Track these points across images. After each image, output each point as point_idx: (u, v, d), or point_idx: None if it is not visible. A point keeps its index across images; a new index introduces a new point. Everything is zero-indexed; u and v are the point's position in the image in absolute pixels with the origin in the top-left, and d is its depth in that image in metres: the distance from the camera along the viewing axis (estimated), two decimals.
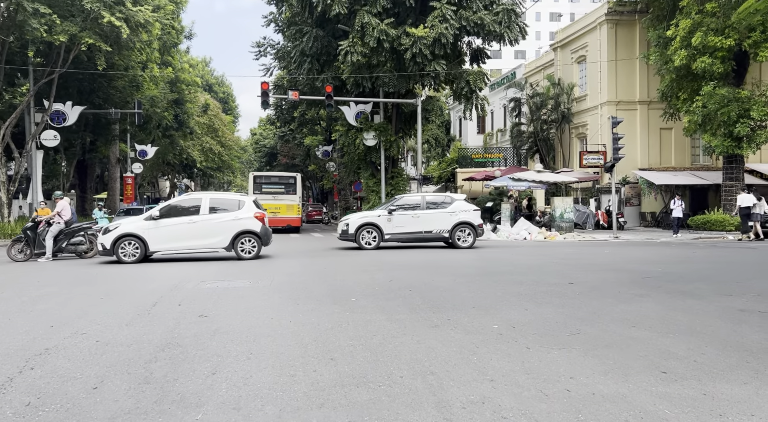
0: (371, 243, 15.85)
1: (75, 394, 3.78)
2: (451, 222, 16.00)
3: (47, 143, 26.15)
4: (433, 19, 22.70)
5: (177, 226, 13.17)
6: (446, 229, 15.96)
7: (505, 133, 40.18)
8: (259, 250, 13.56)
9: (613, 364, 4.30)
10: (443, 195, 18.39)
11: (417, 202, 16.55)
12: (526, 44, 47.43)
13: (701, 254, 13.95)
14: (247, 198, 14.19)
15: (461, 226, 16.03)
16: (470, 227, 16.07)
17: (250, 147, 78.60)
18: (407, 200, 16.85)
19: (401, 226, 15.96)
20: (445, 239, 16.10)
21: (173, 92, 38.78)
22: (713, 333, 5.29)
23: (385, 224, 15.93)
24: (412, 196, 17.94)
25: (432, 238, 16.17)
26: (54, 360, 4.62)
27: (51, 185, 36.66)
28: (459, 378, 4.01)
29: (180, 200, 14.14)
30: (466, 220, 16.09)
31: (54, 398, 3.72)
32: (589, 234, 22.40)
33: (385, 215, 16.05)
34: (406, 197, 17.47)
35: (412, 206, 16.32)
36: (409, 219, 16.00)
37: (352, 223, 16.06)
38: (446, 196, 17.34)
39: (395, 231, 15.95)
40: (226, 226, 13.33)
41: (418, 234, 16.01)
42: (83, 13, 22.22)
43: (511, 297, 7.39)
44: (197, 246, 13.36)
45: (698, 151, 28.43)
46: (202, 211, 13.42)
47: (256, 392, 3.78)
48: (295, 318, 6.19)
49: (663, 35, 21.93)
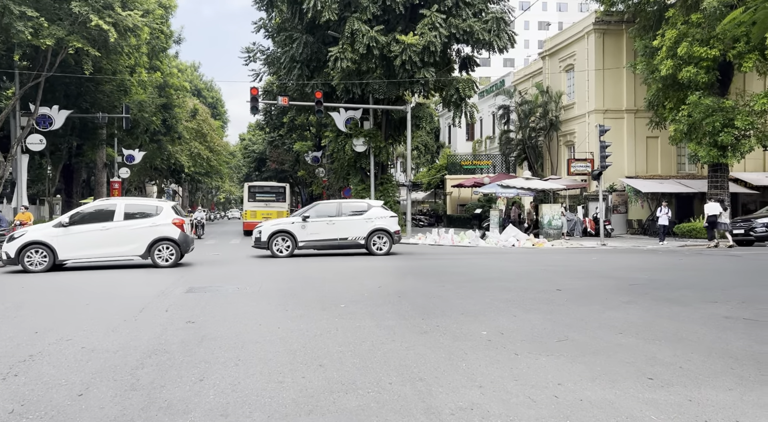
0: (283, 251, 15.41)
1: (60, 401, 3.74)
2: (367, 228, 15.81)
3: (33, 147, 25.88)
4: (422, 26, 22.84)
5: (89, 233, 12.53)
6: (362, 236, 15.77)
7: (493, 140, 40.42)
8: (178, 258, 13.06)
9: (601, 371, 4.33)
10: (360, 201, 18.17)
11: (333, 208, 16.32)
12: (515, 52, 47.85)
13: (687, 261, 14.10)
14: (166, 203, 13.71)
15: (377, 233, 15.87)
16: (386, 234, 15.91)
17: (239, 152, 78.34)
18: (323, 207, 16.60)
19: (316, 233, 15.65)
20: (360, 246, 15.87)
21: (162, 97, 38.58)
22: (699, 339, 5.34)
23: (299, 231, 15.56)
24: (328, 202, 17.71)
25: (347, 245, 15.90)
26: (38, 367, 4.56)
27: (36, 190, 36.26)
28: (448, 384, 4.02)
29: (93, 205, 13.50)
30: (382, 227, 15.91)
31: (38, 405, 3.67)
32: (576, 241, 22.55)
33: (299, 222, 15.71)
34: (321, 204, 17.16)
35: (328, 213, 16.06)
36: (324, 226, 15.73)
37: (265, 230, 15.62)
38: (363, 203, 17.16)
39: (310, 238, 15.62)
40: (142, 233, 12.82)
41: (333, 241, 15.75)
42: (71, 17, 22.09)
43: (499, 303, 7.41)
44: (111, 254, 12.77)
45: (684, 159, 28.77)
46: (117, 217, 12.82)
47: (244, 398, 3.75)
48: (283, 324, 6.17)
49: (649, 45, 22.23)
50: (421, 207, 47.61)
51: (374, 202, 17.60)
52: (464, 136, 46.35)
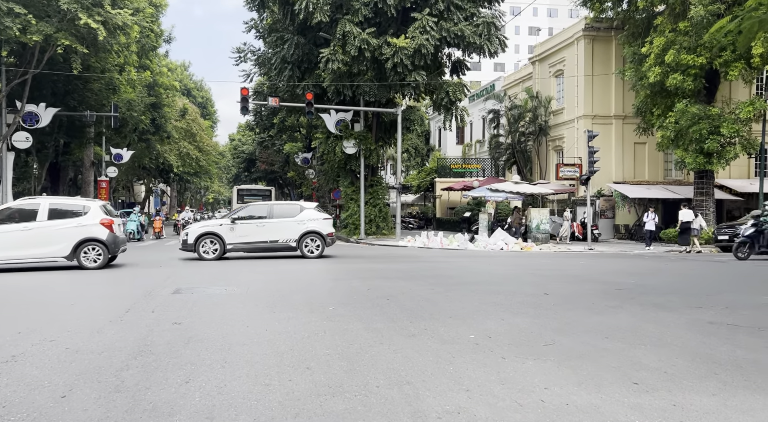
0: (210, 254, 15.00)
1: (42, 403, 3.69)
2: (298, 231, 15.45)
3: (19, 145, 25.57)
4: (414, 29, 22.90)
5: (9, 234, 11.97)
6: (293, 239, 15.42)
7: (483, 144, 40.59)
8: (107, 259, 12.66)
9: (587, 375, 4.36)
10: (293, 203, 17.87)
11: (264, 210, 16.00)
12: (505, 57, 48.14)
13: (673, 267, 14.24)
14: (94, 203, 13.23)
15: (309, 236, 15.52)
16: (319, 236, 15.58)
17: (228, 152, 77.95)
18: (253, 209, 16.28)
19: (245, 236, 15.24)
20: (292, 248, 15.54)
21: (151, 96, 38.30)
22: (683, 344, 5.40)
23: (227, 233, 15.15)
24: (259, 204, 17.43)
25: (278, 248, 15.54)
26: (21, 368, 4.50)
27: (22, 188, 35.82)
28: (435, 388, 4.02)
29: (15, 204, 12.99)
30: (315, 229, 15.57)
31: (20, 407, 3.62)
32: (564, 245, 22.69)
33: (227, 224, 15.30)
34: (252, 206, 16.86)
35: (258, 215, 15.70)
36: (254, 228, 15.31)
37: (192, 233, 15.19)
38: (296, 205, 16.78)
39: (239, 240, 15.22)
40: (67, 233, 12.29)
41: (264, 243, 15.37)
42: (59, 14, 21.86)
43: (487, 306, 7.44)
44: (33, 256, 12.20)
45: (671, 165, 29.07)
46: (40, 217, 12.26)
47: (230, 401, 3.73)
48: (270, 326, 6.14)
49: (638, 52, 22.46)
50: (410, 209, 47.66)
51: (307, 204, 17.16)
52: (454, 139, 46.50)
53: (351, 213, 28.53)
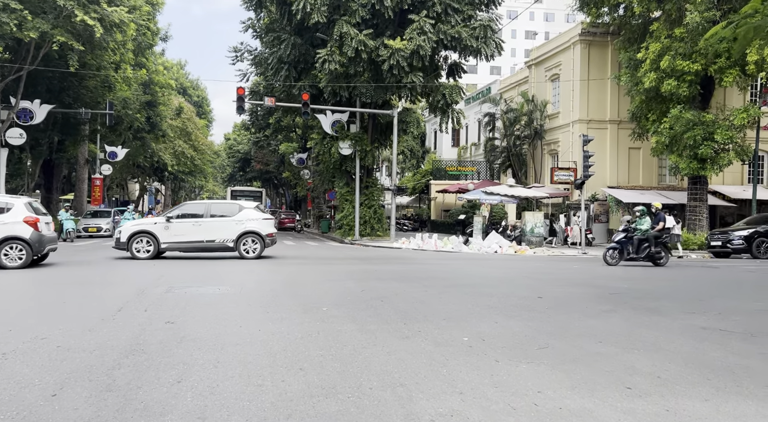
0: (143, 253, 14.62)
1: (32, 401, 3.66)
2: (236, 231, 15.07)
3: (12, 141, 25.43)
4: (411, 31, 22.92)
5: None
6: (231, 239, 15.04)
7: (479, 147, 40.67)
8: (29, 259, 12.27)
9: (580, 379, 4.36)
10: (231, 203, 17.46)
11: (201, 209, 15.65)
12: (501, 60, 48.30)
13: (666, 272, 14.29)
14: (18, 200, 12.88)
15: (248, 236, 15.15)
16: (258, 237, 15.21)
17: (223, 152, 77.75)
18: (190, 207, 16.02)
19: (181, 235, 14.88)
20: (230, 249, 15.18)
21: (146, 94, 38.17)
22: (676, 350, 5.41)
23: (161, 232, 14.76)
24: (197, 203, 17.15)
25: (215, 248, 15.19)
26: (11, 366, 4.46)
27: (15, 184, 35.62)
28: (428, 390, 4.01)
29: None
30: (254, 230, 15.20)
31: (10, 405, 3.58)
32: (558, 249, 22.74)
33: (162, 222, 14.93)
34: (189, 204, 16.66)
35: (195, 214, 15.37)
36: (190, 227, 14.94)
37: (125, 231, 14.82)
38: (234, 205, 16.31)
39: (174, 240, 14.87)
40: None
41: (200, 243, 15.00)
42: (56, 11, 21.79)
43: (481, 309, 7.43)
44: None
45: (665, 171, 29.22)
46: None
47: (223, 402, 3.71)
48: (264, 326, 6.12)
49: (634, 57, 22.57)
50: (405, 211, 47.68)
51: (247, 203, 16.82)
52: (450, 142, 46.57)
53: (346, 214, 28.51)
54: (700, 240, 21.87)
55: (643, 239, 15.07)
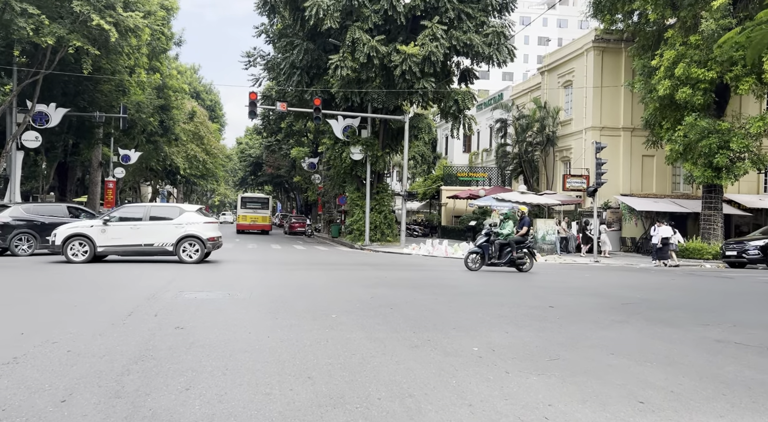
0: (79, 257, 14.27)
1: (42, 407, 3.67)
2: (176, 235, 14.74)
3: (28, 144, 25.75)
4: (423, 37, 22.95)
5: None
6: (170, 243, 14.71)
7: (490, 153, 40.55)
8: None
9: (591, 392, 4.30)
10: (172, 206, 17.22)
11: (140, 212, 15.35)
12: (514, 67, 48.13)
13: (680, 282, 14.12)
14: None
15: (188, 240, 14.81)
16: (198, 241, 14.85)
17: (235, 156, 78.21)
18: (129, 210, 15.77)
19: (118, 238, 14.52)
20: (169, 253, 14.85)
21: (160, 98, 38.52)
22: (690, 363, 5.32)
23: (98, 235, 14.40)
24: (136, 205, 16.92)
25: (154, 252, 14.89)
26: (22, 370, 4.48)
27: (30, 186, 36.05)
28: (437, 401, 3.97)
29: None
30: (194, 234, 14.85)
31: (20, 410, 3.60)
32: (570, 257, 22.57)
33: (99, 225, 14.53)
34: (127, 207, 16.39)
35: (133, 217, 15.03)
36: (128, 230, 14.61)
37: (60, 234, 14.43)
38: (175, 208, 16.13)
39: (111, 243, 14.51)
40: None
41: (137, 247, 14.67)
42: (72, 16, 22.07)
43: (491, 318, 7.37)
44: None
45: (679, 179, 28.95)
46: None
47: (231, 410, 3.69)
48: (273, 333, 6.11)
49: (648, 65, 22.41)
50: (415, 217, 47.60)
51: (189, 206, 16.51)
52: (461, 147, 46.48)
53: (356, 219, 28.52)
54: (715, 250, 21.61)
55: (505, 243, 14.52)
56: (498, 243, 14.57)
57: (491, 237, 14.69)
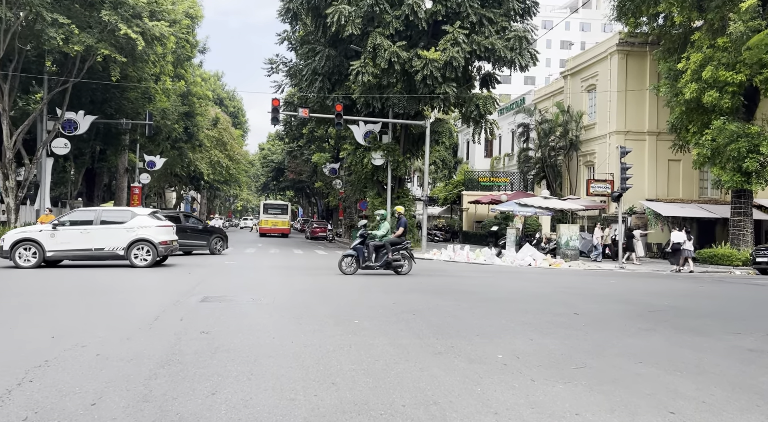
0: (30, 261, 14.04)
1: (73, 410, 3.73)
2: (127, 239, 14.61)
3: (58, 151, 26.37)
4: (444, 42, 22.93)
5: None
6: (121, 247, 14.55)
7: (512, 157, 40.27)
8: None
9: (620, 401, 4.22)
10: (124, 209, 17.18)
11: (90, 216, 15.08)
12: (536, 71, 47.82)
13: (708, 289, 13.81)
14: None
15: (139, 244, 14.67)
16: (150, 245, 14.70)
17: (258, 161, 78.98)
18: (79, 214, 15.50)
19: (67, 243, 14.35)
20: (120, 257, 14.67)
21: (184, 105, 39.15)
22: (722, 372, 5.19)
23: (47, 240, 14.20)
24: (87, 210, 16.80)
25: (104, 256, 14.70)
26: (53, 373, 4.57)
27: (59, 192, 36.85)
28: (462, 409, 3.94)
29: None
30: (145, 237, 14.71)
31: (51, 413, 3.67)
32: (594, 263, 22.25)
33: (48, 230, 14.37)
34: (79, 211, 16.28)
35: (84, 221, 14.81)
36: (78, 235, 14.44)
37: (8, 238, 14.25)
38: (127, 212, 15.89)
39: (60, 248, 14.31)
40: None
41: (87, 251, 14.48)
42: (100, 25, 22.58)
43: (515, 325, 7.30)
44: None
45: (707, 184, 28.37)
46: None
47: (256, 415, 3.71)
48: (297, 338, 6.13)
49: (674, 68, 22.04)
50: (436, 222, 47.46)
51: (141, 210, 16.40)
52: (482, 152, 46.26)
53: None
54: (745, 256, 21.10)
55: (380, 245, 13.86)
56: (373, 245, 13.86)
57: (366, 240, 14.00)
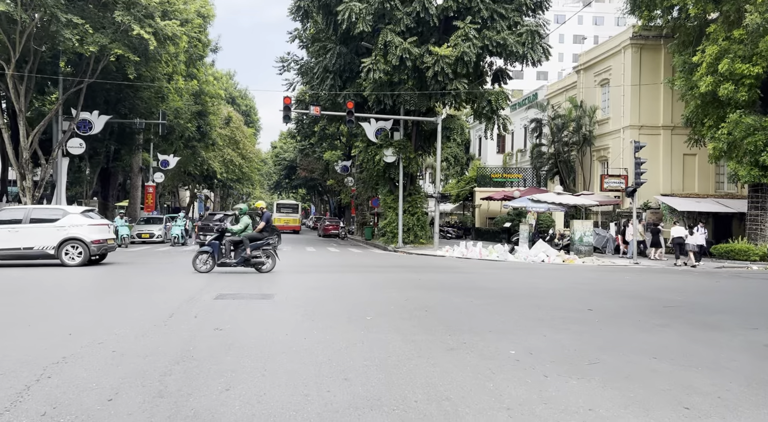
0: None
1: (90, 405, 3.79)
2: (58, 237, 14.23)
3: (73, 151, 26.69)
4: (456, 38, 22.83)
5: None
6: (51, 246, 14.17)
7: (525, 153, 40.04)
8: None
9: (634, 397, 4.19)
10: (55, 208, 16.82)
11: (19, 214, 14.75)
12: (548, 65, 47.51)
13: (724, 284, 13.65)
14: None
15: (70, 242, 14.29)
16: (81, 243, 14.30)
17: (270, 160, 79.27)
18: (8, 213, 15.19)
19: None
20: (50, 256, 14.27)
21: (197, 104, 39.39)
22: (738, 368, 5.14)
23: None
24: (15, 208, 16.57)
25: (34, 255, 14.32)
26: (71, 370, 4.65)
27: (75, 192, 37.32)
28: (474, 405, 3.94)
29: None
30: (76, 236, 14.32)
31: (69, 409, 3.73)
32: (608, 258, 22.08)
33: None
34: (6, 210, 16.04)
35: (13, 220, 14.47)
36: (6, 234, 14.08)
37: None
38: (58, 210, 15.49)
39: None
40: None
41: (16, 251, 14.11)
42: (113, 26, 22.79)
43: (528, 321, 7.28)
44: None
45: (723, 178, 27.99)
46: None
47: (270, 411, 3.74)
48: (309, 335, 6.16)
49: (689, 61, 21.74)
50: (449, 219, 47.35)
51: (73, 208, 16.11)
52: (495, 148, 46.03)
53: (389, 221, 28.54)
54: (762, 251, 20.81)
55: (238, 241, 13.07)
56: (230, 241, 12.98)
57: (223, 235, 13.27)
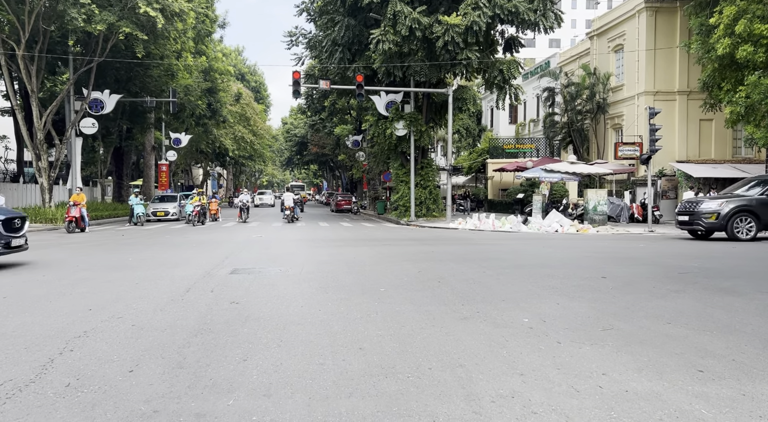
0: None
1: (112, 377, 3.89)
2: None
3: (86, 130, 26.87)
4: (465, 6, 22.40)
5: None
6: None
7: (537, 123, 39.56)
8: None
9: (648, 361, 4.21)
10: None
11: None
12: (561, 32, 46.47)
13: (740, 249, 13.52)
14: None
15: None
16: None
17: (281, 136, 79.24)
18: None
19: None
20: None
21: (207, 81, 39.32)
22: (753, 331, 5.12)
23: None
24: None
25: None
26: (92, 343, 4.76)
27: (89, 172, 37.71)
28: (488, 371, 3.98)
29: None
30: None
31: (92, 380, 3.83)
32: (623, 227, 21.95)
33: None
34: None
35: None
36: None
37: None
38: None
39: None
40: None
41: None
42: (120, 3, 22.67)
43: (541, 290, 7.29)
44: None
45: (740, 143, 27.50)
46: None
47: (286, 379, 3.82)
48: (324, 306, 6.24)
49: (705, 23, 21.18)
50: (461, 191, 47.22)
51: None
52: (507, 119, 45.53)
53: (401, 195, 28.54)
54: None
55: None
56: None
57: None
